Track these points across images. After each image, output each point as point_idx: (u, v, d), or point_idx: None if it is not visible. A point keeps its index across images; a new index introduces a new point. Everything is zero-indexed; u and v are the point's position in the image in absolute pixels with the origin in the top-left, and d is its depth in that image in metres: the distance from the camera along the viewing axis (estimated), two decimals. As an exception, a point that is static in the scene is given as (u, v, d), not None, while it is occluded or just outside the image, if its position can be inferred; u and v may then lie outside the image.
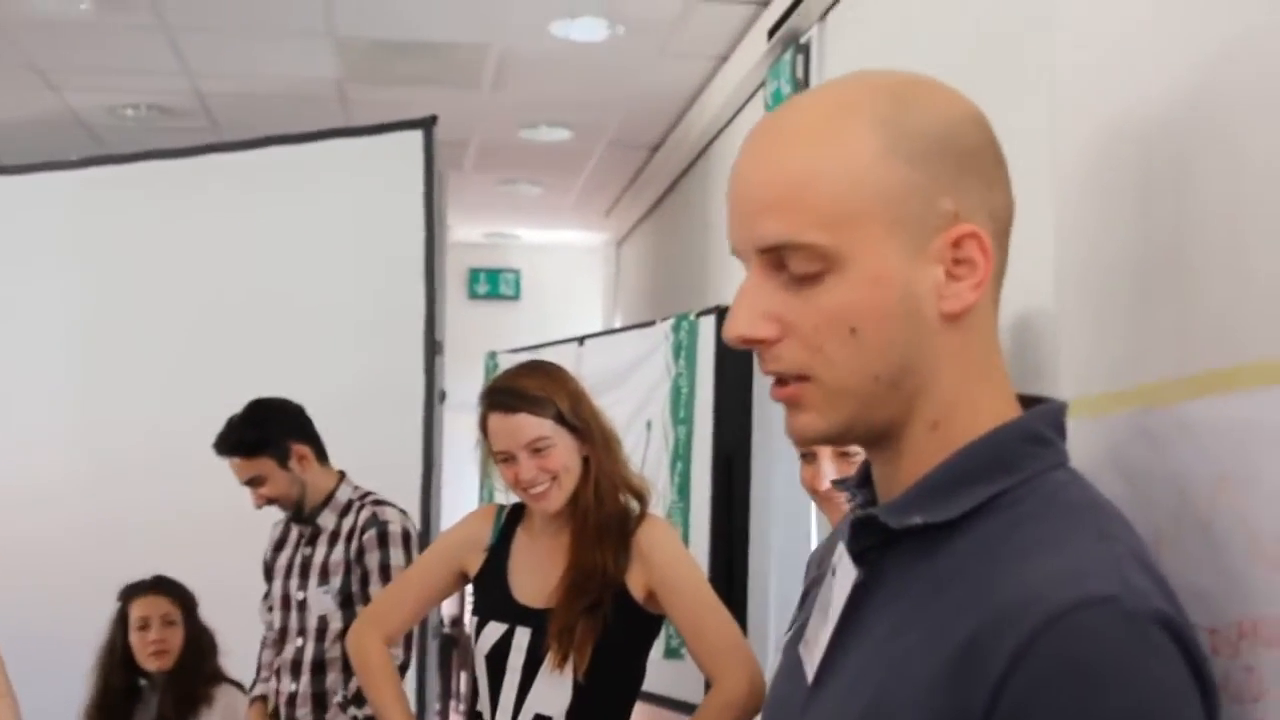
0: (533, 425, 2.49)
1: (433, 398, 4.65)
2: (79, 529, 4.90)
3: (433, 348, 4.68)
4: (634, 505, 2.57)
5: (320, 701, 3.27)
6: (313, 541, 3.42)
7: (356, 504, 3.43)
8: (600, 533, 2.51)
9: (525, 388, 2.53)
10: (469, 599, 4.92)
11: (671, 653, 3.57)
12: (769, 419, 3.53)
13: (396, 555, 3.29)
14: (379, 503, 3.46)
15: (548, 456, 2.50)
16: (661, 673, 2.79)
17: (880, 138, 0.98)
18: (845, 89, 1.02)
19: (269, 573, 3.48)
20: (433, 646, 3.89)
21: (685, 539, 3.90)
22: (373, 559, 3.30)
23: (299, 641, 3.28)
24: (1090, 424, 1.20)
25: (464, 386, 5.58)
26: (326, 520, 3.42)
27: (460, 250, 8.78)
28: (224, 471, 4.52)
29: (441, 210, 5.02)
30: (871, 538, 1.02)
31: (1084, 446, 1.06)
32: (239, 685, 3.67)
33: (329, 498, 3.43)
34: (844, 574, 1.05)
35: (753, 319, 1.01)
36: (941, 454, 1.01)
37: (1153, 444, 1.14)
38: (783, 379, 1.02)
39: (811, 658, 1.07)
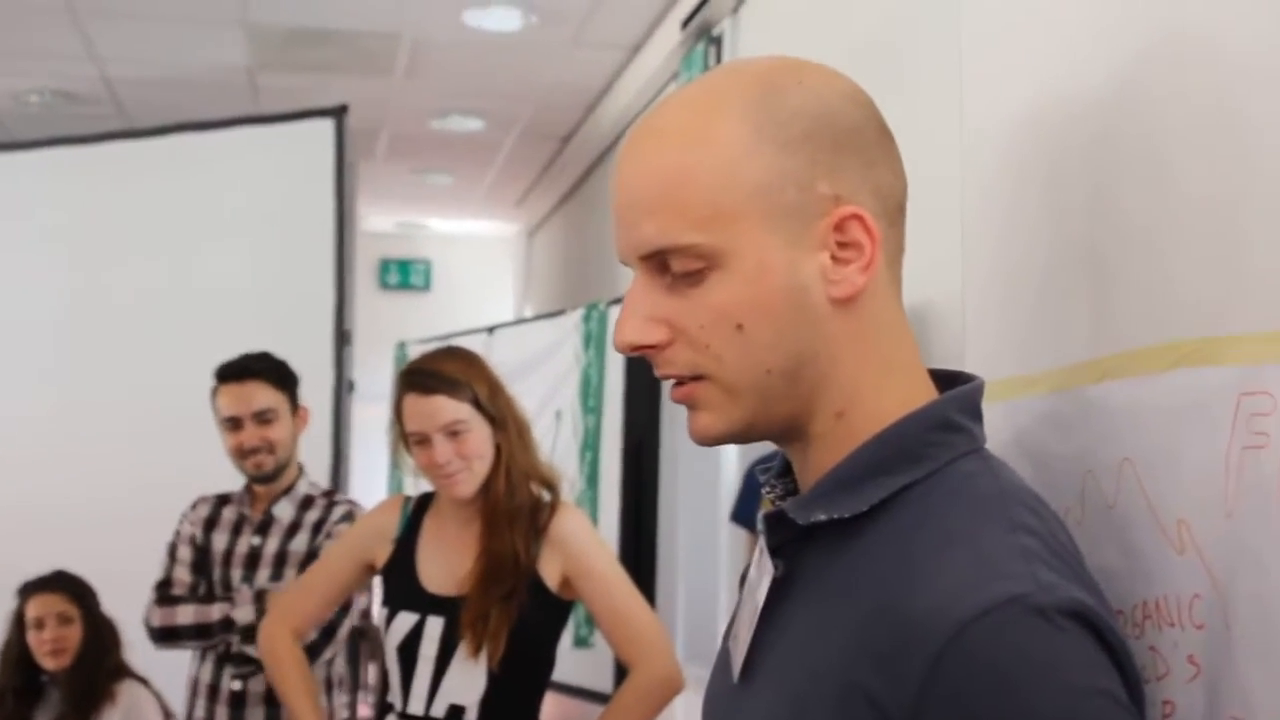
0: (450, 408, 2.46)
1: (342, 388, 4.63)
2: None
3: (342, 337, 4.66)
4: (545, 495, 2.57)
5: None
6: (263, 531, 3.22)
7: (320, 499, 3.27)
8: (512, 521, 2.49)
9: (444, 370, 2.50)
10: (377, 593, 4.88)
11: (580, 642, 3.57)
12: (677, 408, 3.54)
13: None
14: (349, 501, 3.34)
15: (463, 441, 2.48)
16: (570, 662, 2.78)
17: (750, 128, 0.96)
18: (715, 82, 1.00)
19: (202, 555, 3.25)
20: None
21: (595, 527, 3.90)
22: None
23: (233, 638, 3.10)
24: (998, 408, 1.20)
25: (373, 377, 5.56)
26: (283, 511, 3.23)
27: (371, 240, 8.71)
28: (126, 455, 4.45)
29: (352, 199, 5.01)
30: (785, 532, 1.01)
31: (990, 431, 1.05)
32: (143, 680, 3.59)
33: (289, 487, 3.25)
34: (764, 568, 1.04)
35: (640, 325, 0.99)
36: (850, 444, 1.00)
37: (1058, 427, 1.13)
38: (679, 380, 1.00)
39: (737, 653, 1.06)
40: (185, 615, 3.10)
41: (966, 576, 0.89)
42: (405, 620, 2.51)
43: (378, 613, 2.58)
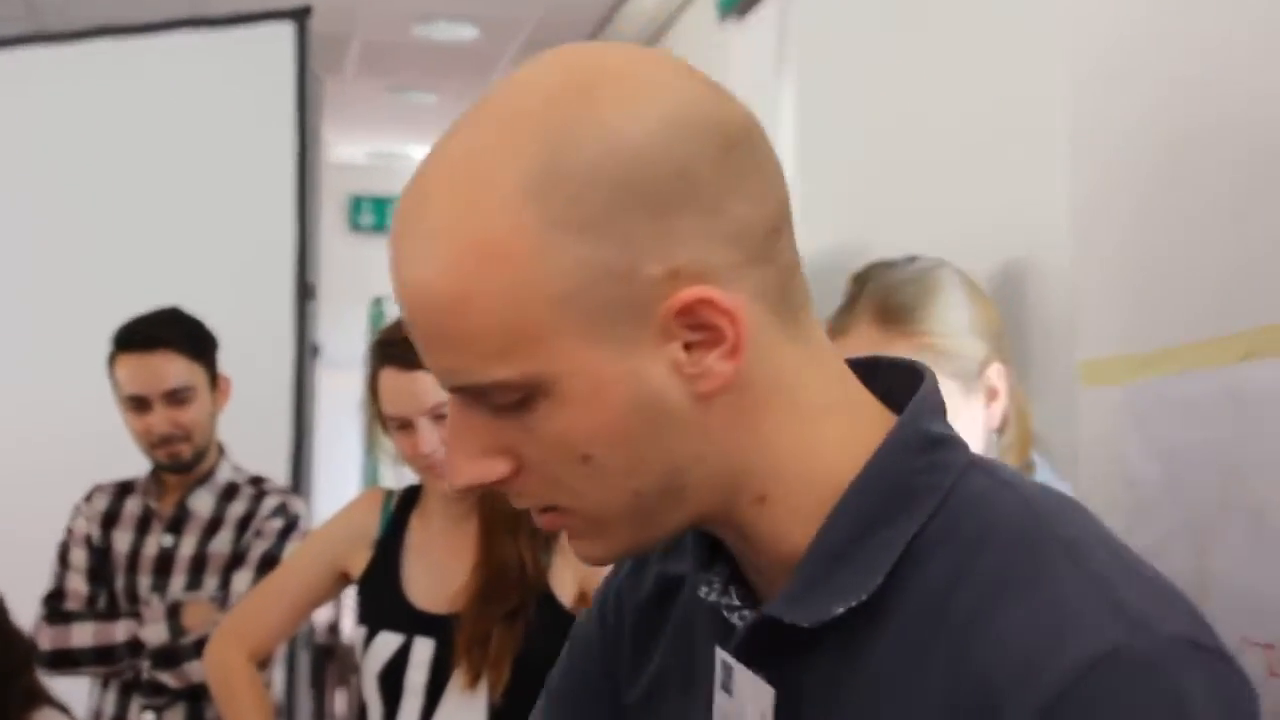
0: (436, 387, 2.48)
1: (304, 352, 4.67)
2: None
3: (305, 291, 4.69)
4: None
5: None
6: (176, 529, 3.19)
7: (246, 487, 3.23)
8: (515, 523, 2.50)
9: None
10: (348, 602, 4.94)
11: None
12: None
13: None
14: (282, 491, 3.31)
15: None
16: None
17: (534, 214, 0.89)
18: (484, 138, 0.92)
19: (101, 559, 3.22)
20: (304, 660, 3.84)
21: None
22: (261, 549, 3.12)
23: (142, 663, 3.07)
24: (1114, 392, 1.20)
25: (343, 339, 5.62)
26: (200, 503, 3.20)
27: (340, 173, 8.79)
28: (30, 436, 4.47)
29: (316, 123, 5.05)
30: (778, 642, 0.98)
31: (1106, 419, 1.05)
32: (63, 708, 3.64)
33: (208, 474, 3.22)
34: (747, 692, 1.01)
35: (472, 462, 0.97)
36: (798, 517, 0.98)
37: (1191, 415, 1.13)
38: (540, 510, 0.99)
39: None
40: (82, 636, 3.09)
41: (1040, 637, 0.87)
42: (388, 642, 2.53)
43: (350, 630, 2.60)
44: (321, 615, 4.59)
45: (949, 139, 3.06)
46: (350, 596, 4.01)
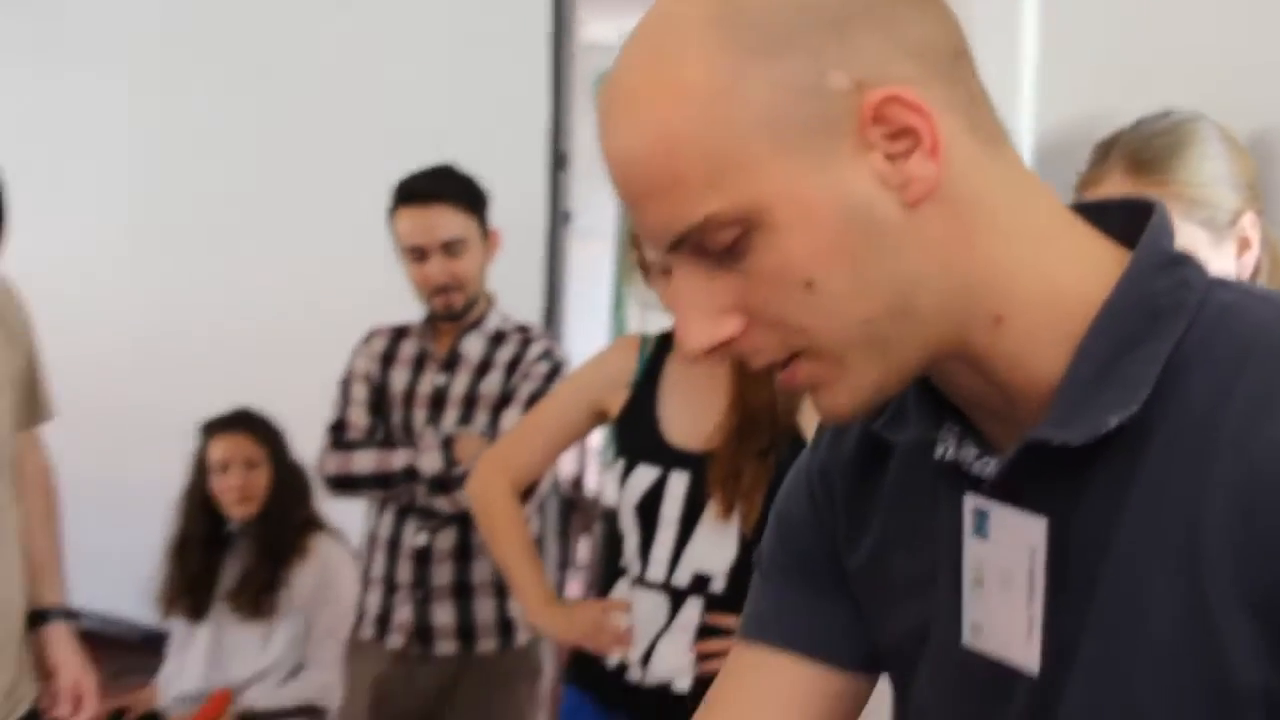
0: None
1: (557, 219, 4.79)
2: (145, 352, 5.36)
3: (558, 160, 4.81)
4: None
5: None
6: (449, 369, 3.34)
7: (514, 334, 3.37)
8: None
9: None
10: (593, 459, 5.13)
11: None
12: None
13: None
14: (547, 337, 3.46)
15: None
16: None
17: (719, 47, 0.92)
18: (665, 8, 0.96)
19: (379, 395, 3.39)
20: (552, 510, 3.95)
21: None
22: (528, 390, 3.26)
23: (418, 489, 3.26)
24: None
25: (592, 212, 5.73)
26: (471, 347, 3.34)
27: (591, 53, 8.83)
28: (308, 288, 4.72)
29: (571, 2, 5.12)
30: (1046, 469, 0.98)
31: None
32: (337, 534, 3.91)
33: (478, 321, 3.36)
34: (1010, 530, 1.02)
35: (703, 324, 0.98)
36: (1037, 345, 0.98)
37: None
38: (781, 365, 0.99)
39: (1010, 644, 1.04)
40: (364, 462, 3.26)
41: None
42: (645, 475, 2.65)
43: (593, 484, 2.70)
44: (566, 470, 4.78)
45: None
46: (595, 455, 4.16)
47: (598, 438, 4.96)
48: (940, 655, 1.11)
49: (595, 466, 5.03)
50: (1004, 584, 1.03)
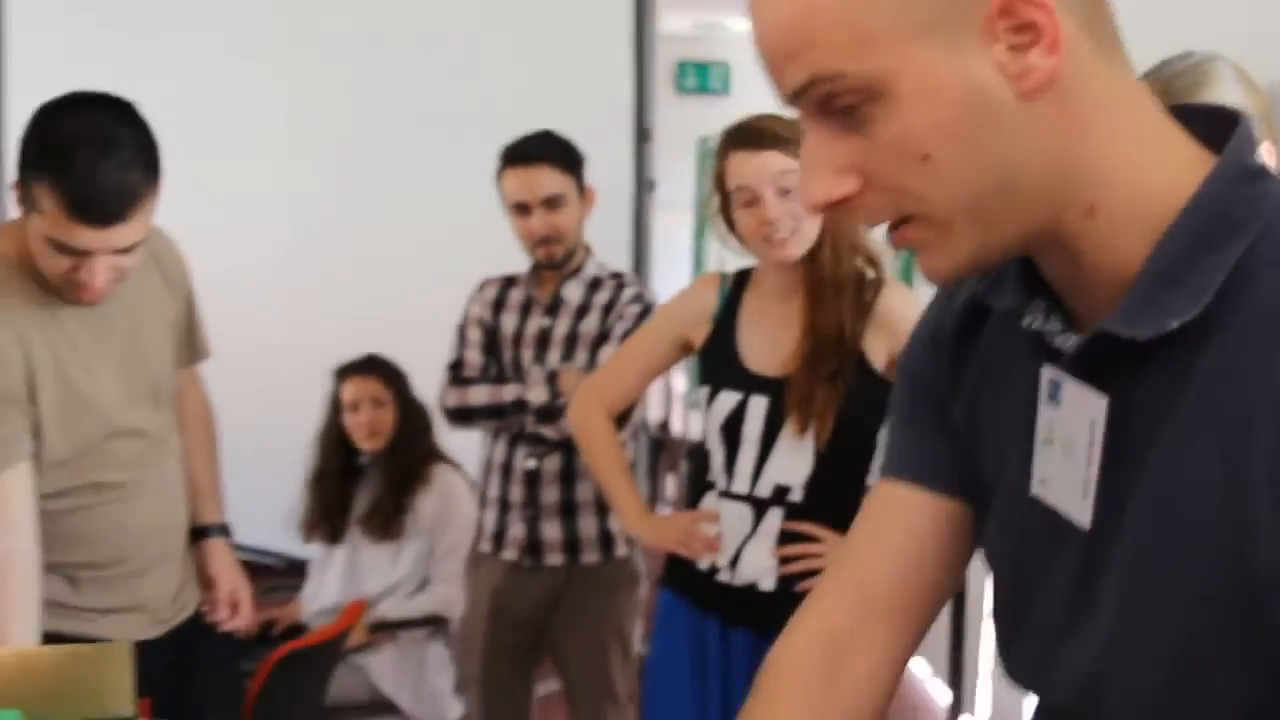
0: (780, 161, 2.67)
1: (642, 186, 5.01)
2: (284, 304, 5.74)
3: (642, 134, 5.05)
4: (868, 271, 2.79)
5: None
6: (553, 313, 3.56)
7: (609, 281, 3.59)
8: (838, 293, 2.72)
9: (774, 126, 2.70)
10: (678, 403, 5.38)
11: None
12: None
13: None
14: (638, 283, 3.66)
15: (793, 199, 2.66)
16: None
17: None
18: None
19: (491, 337, 3.62)
20: (642, 450, 4.16)
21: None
22: (622, 329, 3.46)
23: (527, 418, 3.50)
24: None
25: (673, 183, 5.97)
26: (571, 292, 3.57)
27: (666, 42, 9.05)
28: (427, 245, 5.00)
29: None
30: (1112, 356, 1.02)
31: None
32: (455, 465, 4.24)
33: (577, 269, 3.59)
34: (1078, 402, 1.06)
35: (824, 179, 1.02)
36: (1123, 238, 1.01)
37: None
38: (892, 225, 1.04)
39: (1069, 500, 1.08)
40: (479, 396, 3.53)
41: None
42: (728, 399, 2.79)
43: (679, 428, 2.87)
44: (654, 414, 4.96)
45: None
46: (680, 399, 4.38)
47: (682, 384, 5.25)
48: (1011, 502, 1.17)
49: (680, 410, 5.25)
50: (1067, 448, 1.08)
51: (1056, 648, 1.12)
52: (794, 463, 2.76)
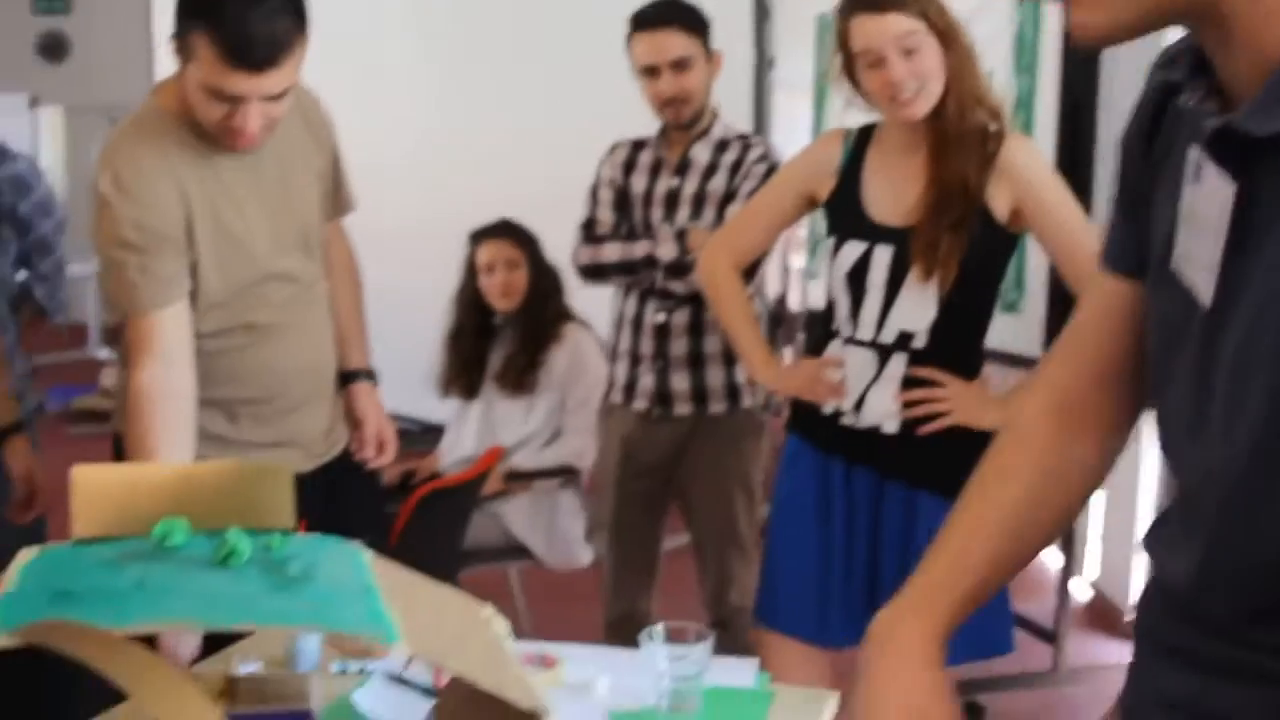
0: (904, 23, 2.70)
1: (762, 65, 5.09)
2: (422, 171, 5.97)
3: (762, 12, 5.10)
4: (991, 125, 2.80)
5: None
6: (681, 173, 3.64)
7: (735, 141, 3.65)
8: (961, 146, 2.74)
9: None
10: (795, 279, 5.46)
11: (1009, 307, 3.99)
12: (1117, 68, 3.84)
13: None
14: (765, 142, 3.73)
15: (917, 59, 2.71)
16: (998, 326, 3.02)
17: None
18: None
19: (622, 197, 3.72)
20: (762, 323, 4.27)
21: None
22: (748, 188, 3.52)
23: (657, 274, 3.61)
24: None
25: (793, 63, 6.01)
26: (699, 153, 3.64)
27: None
28: (560, 110, 5.11)
29: None
30: (1237, 147, 1.02)
31: None
32: (585, 324, 4.40)
33: (705, 131, 3.66)
34: (1212, 184, 1.06)
35: None
36: (1273, 26, 0.99)
37: None
38: None
39: (1197, 277, 1.09)
40: (611, 253, 3.65)
41: None
42: (853, 249, 2.85)
43: (796, 304, 2.87)
44: (772, 290, 5.07)
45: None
46: (797, 275, 4.43)
47: (799, 259, 5.35)
48: (1158, 274, 1.19)
49: (798, 284, 5.36)
50: (1200, 228, 1.09)
51: (1185, 440, 1.16)
52: (918, 310, 2.81)
